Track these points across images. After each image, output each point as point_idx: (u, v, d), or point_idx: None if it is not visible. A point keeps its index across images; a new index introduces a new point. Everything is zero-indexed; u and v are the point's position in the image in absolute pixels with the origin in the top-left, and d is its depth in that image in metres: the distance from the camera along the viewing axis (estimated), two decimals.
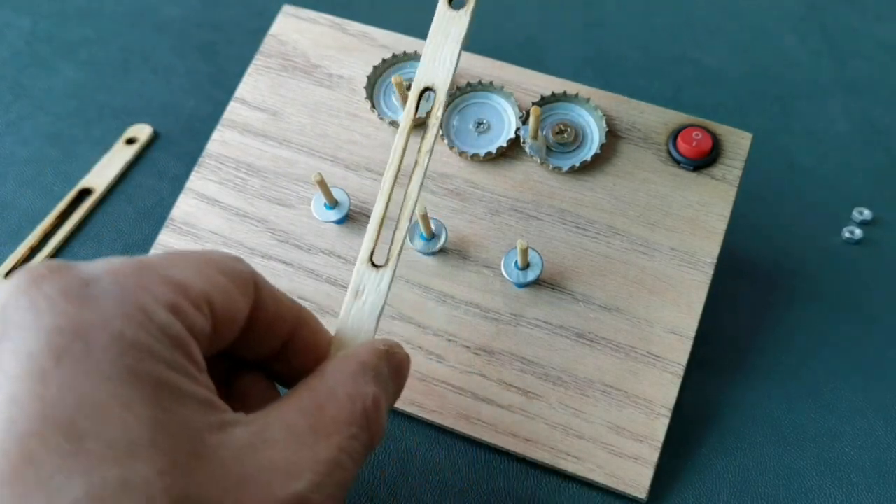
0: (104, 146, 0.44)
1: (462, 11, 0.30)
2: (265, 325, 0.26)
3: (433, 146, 0.29)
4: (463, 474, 0.34)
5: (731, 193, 0.36)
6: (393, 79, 0.36)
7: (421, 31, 0.41)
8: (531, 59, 0.46)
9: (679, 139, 0.36)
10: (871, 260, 0.41)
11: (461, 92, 0.38)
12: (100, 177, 0.43)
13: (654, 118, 0.38)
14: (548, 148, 0.37)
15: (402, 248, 0.28)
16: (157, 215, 0.42)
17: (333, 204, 0.36)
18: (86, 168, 0.43)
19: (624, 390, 0.34)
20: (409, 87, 0.38)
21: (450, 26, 0.30)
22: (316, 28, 0.41)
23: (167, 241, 0.38)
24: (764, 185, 0.43)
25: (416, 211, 0.33)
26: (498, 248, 0.36)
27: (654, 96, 0.37)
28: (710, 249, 0.35)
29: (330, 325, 0.28)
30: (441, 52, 0.30)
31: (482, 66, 0.39)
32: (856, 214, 0.42)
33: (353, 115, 0.39)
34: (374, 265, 0.28)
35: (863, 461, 0.35)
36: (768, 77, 0.48)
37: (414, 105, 0.30)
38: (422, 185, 0.29)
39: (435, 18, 0.31)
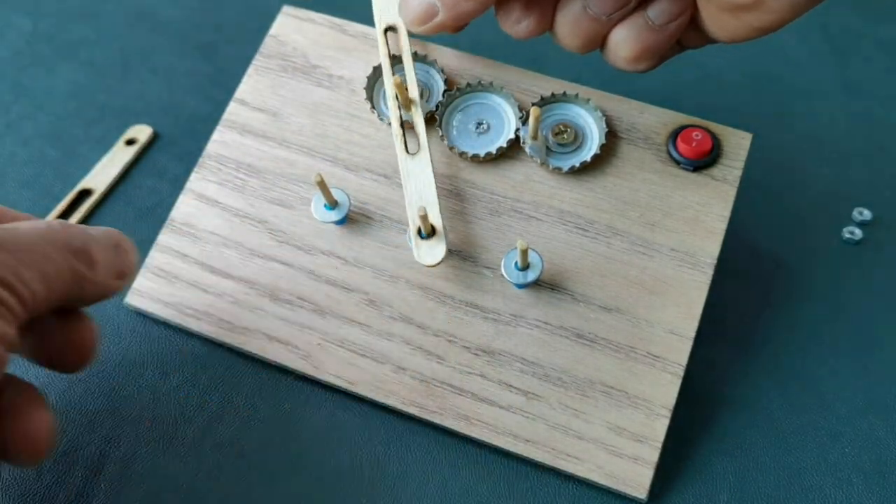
0: (104, 146, 0.44)
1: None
2: None
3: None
4: (463, 475, 0.34)
5: (730, 194, 0.36)
6: (393, 80, 0.36)
7: None
8: (531, 60, 0.46)
9: (679, 140, 0.36)
10: (871, 260, 0.41)
11: (461, 92, 0.38)
12: (100, 177, 0.43)
13: (653, 118, 0.38)
14: (548, 148, 0.37)
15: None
16: (157, 216, 0.42)
17: (333, 204, 0.36)
18: (86, 168, 0.43)
19: (624, 391, 0.34)
20: (407, 89, 0.38)
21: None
22: (316, 28, 0.41)
23: (167, 241, 0.38)
24: (764, 186, 0.43)
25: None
26: (498, 249, 0.36)
27: (653, 97, 0.37)
28: (710, 249, 0.35)
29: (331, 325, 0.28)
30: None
31: (482, 66, 0.39)
32: (856, 214, 0.42)
33: (352, 116, 0.39)
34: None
35: (863, 461, 0.35)
36: (768, 77, 0.48)
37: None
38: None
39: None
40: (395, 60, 0.38)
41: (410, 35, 0.38)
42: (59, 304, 0.27)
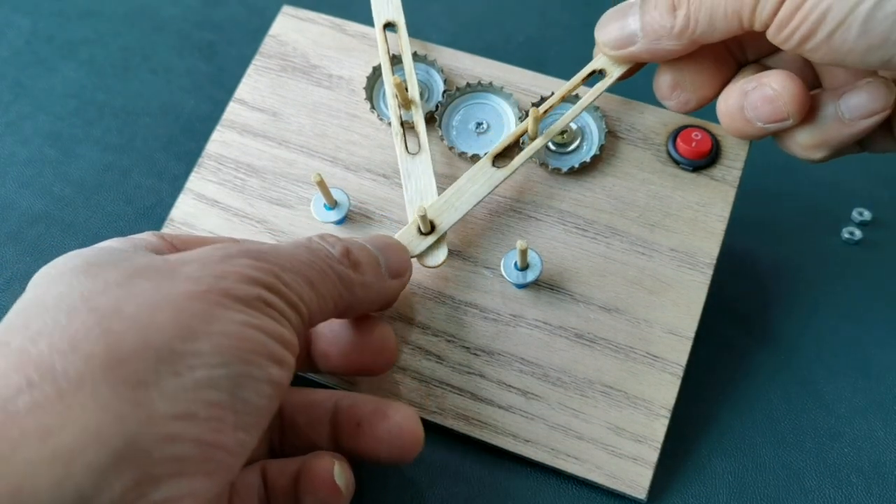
0: (104, 146, 0.44)
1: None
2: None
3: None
4: (462, 475, 0.34)
5: (730, 194, 0.36)
6: (393, 80, 0.36)
7: (420, 32, 0.41)
8: (531, 60, 0.46)
9: (678, 140, 0.36)
10: (871, 260, 0.41)
11: (461, 92, 0.38)
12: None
13: (653, 119, 0.38)
14: (547, 149, 0.37)
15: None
16: (157, 215, 0.42)
17: (333, 205, 0.36)
18: (87, 168, 0.43)
19: (623, 391, 0.34)
20: (407, 88, 0.38)
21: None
22: (315, 28, 0.41)
23: None
24: (764, 186, 0.43)
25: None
26: (498, 249, 0.36)
27: (653, 97, 0.37)
28: (709, 250, 0.35)
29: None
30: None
31: (482, 66, 0.39)
32: (856, 215, 0.42)
33: (352, 116, 0.39)
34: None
35: (862, 461, 0.35)
36: None
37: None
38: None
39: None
40: (395, 60, 0.38)
41: (411, 34, 0.38)
42: (334, 309, 0.28)
